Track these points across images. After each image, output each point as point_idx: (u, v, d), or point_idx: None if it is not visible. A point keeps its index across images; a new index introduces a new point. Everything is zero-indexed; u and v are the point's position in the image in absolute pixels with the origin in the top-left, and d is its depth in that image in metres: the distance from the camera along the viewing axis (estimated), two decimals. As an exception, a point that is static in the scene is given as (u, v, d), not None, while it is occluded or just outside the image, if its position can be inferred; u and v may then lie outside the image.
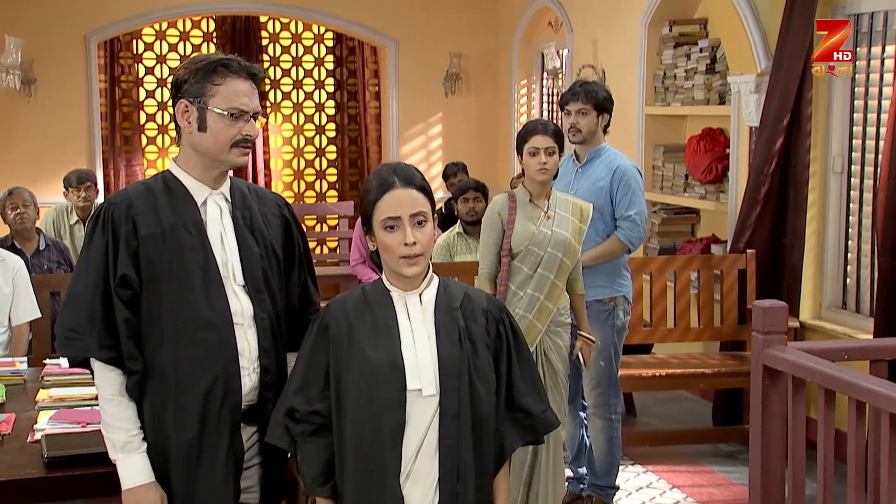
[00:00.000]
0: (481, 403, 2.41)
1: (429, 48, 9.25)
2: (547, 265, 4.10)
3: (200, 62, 2.50)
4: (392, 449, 2.36)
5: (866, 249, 5.25)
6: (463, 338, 2.42)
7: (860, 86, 5.27)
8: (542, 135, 4.09)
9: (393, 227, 2.37)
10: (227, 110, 2.46)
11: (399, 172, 2.42)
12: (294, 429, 2.44)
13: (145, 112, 9.52)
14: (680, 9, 6.73)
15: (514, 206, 4.16)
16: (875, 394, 2.28)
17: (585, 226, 4.19)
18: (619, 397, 4.70)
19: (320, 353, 2.44)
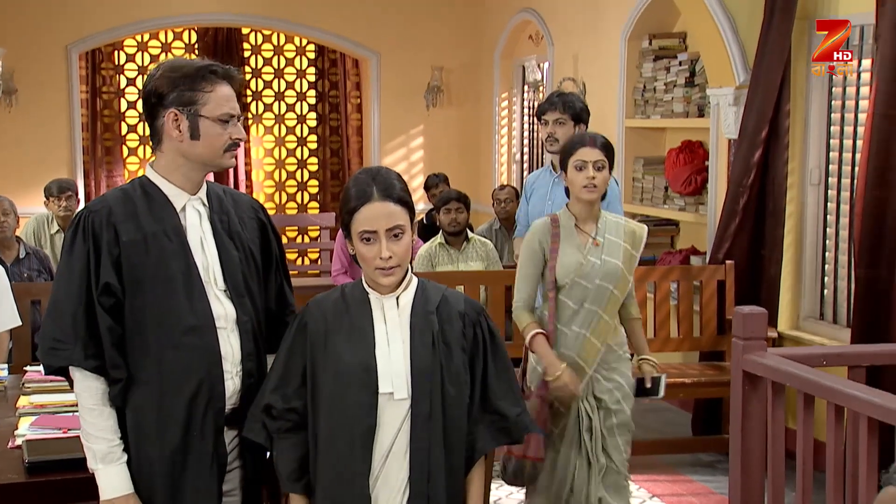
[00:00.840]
0: (453, 407, 2.44)
1: (410, 61, 9.30)
2: (595, 299, 3.60)
3: (182, 70, 2.49)
4: (362, 451, 2.39)
5: (843, 260, 5.31)
6: (437, 341, 2.44)
7: (837, 99, 5.34)
8: (591, 147, 3.65)
9: (370, 240, 2.40)
10: (218, 116, 2.48)
11: (378, 182, 2.42)
12: (270, 425, 2.47)
13: (126, 123, 9.53)
14: (659, 23, 6.80)
15: (558, 231, 3.66)
16: (853, 398, 2.32)
17: (638, 252, 3.68)
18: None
19: (298, 351, 2.47)
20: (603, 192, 3.67)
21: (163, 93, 2.47)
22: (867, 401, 2.26)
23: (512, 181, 8.93)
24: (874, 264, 4.62)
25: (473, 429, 2.49)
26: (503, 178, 9.08)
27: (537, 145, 8.86)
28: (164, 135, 2.49)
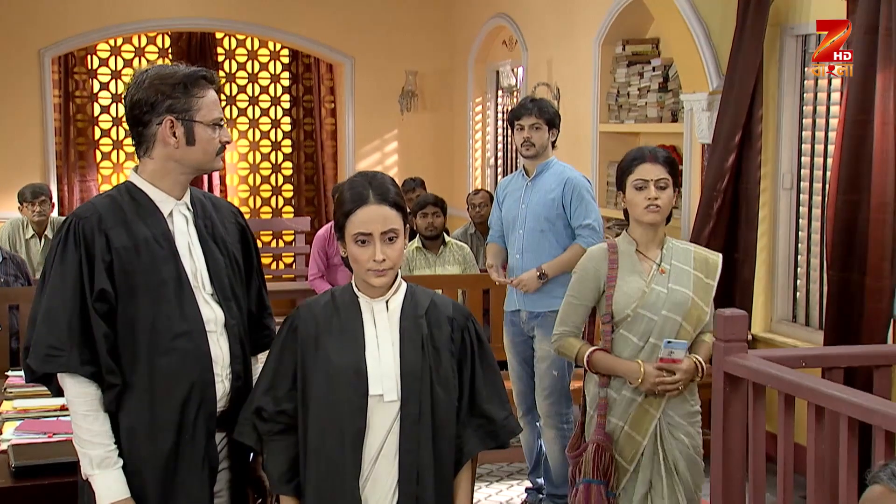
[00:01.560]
0: (441, 409, 2.47)
1: (385, 66, 9.32)
2: (661, 333, 3.24)
3: (173, 77, 2.52)
4: (352, 452, 2.42)
5: (815, 263, 5.39)
6: (426, 345, 2.48)
7: (808, 104, 5.42)
8: (652, 163, 3.27)
9: (364, 242, 2.43)
10: (211, 121, 2.52)
11: (375, 186, 2.46)
12: (261, 427, 2.50)
13: (100, 127, 9.49)
14: (632, 29, 6.87)
15: (616, 258, 3.31)
16: (834, 398, 2.37)
17: (714, 281, 3.32)
18: (570, 408, 4.78)
19: (288, 354, 2.50)
20: (668, 214, 3.32)
21: (155, 101, 2.48)
22: (847, 401, 2.32)
23: (486, 185, 8.97)
24: (846, 267, 4.70)
25: (461, 432, 2.52)
26: (477, 182, 9.12)
27: (511, 150, 8.91)
28: (157, 141, 2.51)
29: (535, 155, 4.73)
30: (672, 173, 3.30)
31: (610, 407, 3.29)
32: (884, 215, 4.48)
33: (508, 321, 4.85)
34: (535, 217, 4.70)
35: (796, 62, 5.46)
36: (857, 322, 4.65)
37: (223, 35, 9.70)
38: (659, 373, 3.18)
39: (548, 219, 4.67)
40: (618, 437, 3.27)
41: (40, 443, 3.01)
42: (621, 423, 3.27)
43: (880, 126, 4.45)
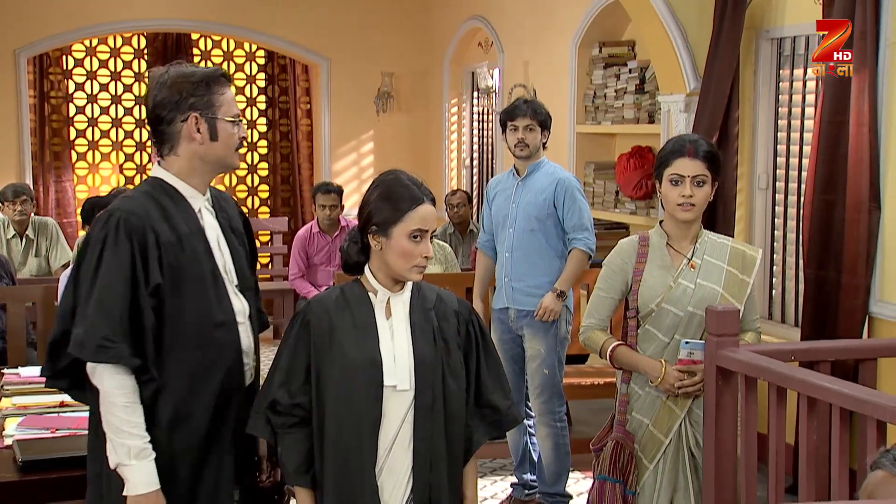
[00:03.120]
0: (453, 399, 2.57)
1: (360, 67, 9.37)
2: (687, 329, 3.18)
3: (195, 76, 2.60)
4: (368, 441, 2.51)
5: (791, 262, 5.51)
6: (437, 337, 2.58)
7: (783, 106, 5.54)
8: (691, 158, 3.16)
9: (417, 238, 2.54)
10: (231, 117, 2.63)
11: (423, 189, 2.59)
12: (275, 421, 2.56)
13: (75, 128, 9.45)
14: (609, 31, 6.97)
15: (646, 252, 3.25)
16: (826, 389, 2.46)
17: (750, 278, 3.23)
18: (563, 405, 4.85)
19: (302, 348, 2.57)
20: (702, 212, 3.22)
21: (178, 99, 2.57)
22: (839, 392, 2.41)
23: (462, 186, 9.04)
24: (822, 265, 4.81)
25: (469, 422, 2.62)
26: (453, 183, 9.19)
27: (487, 151, 8.99)
28: (182, 138, 2.59)
29: (528, 156, 4.80)
30: (713, 168, 3.19)
31: (634, 403, 3.27)
32: (859, 214, 4.59)
33: (496, 319, 4.91)
34: (525, 216, 4.76)
35: (772, 65, 5.58)
36: (833, 319, 4.76)
37: (199, 36, 9.70)
38: (679, 375, 3.13)
39: (538, 218, 4.74)
40: (641, 434, 3.24)
41: (45, 438, 3.05)
42: (646, 420, 3.24)
43: (855, 127, 4.56)
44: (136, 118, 9.61)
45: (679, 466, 3.20)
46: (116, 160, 9.62)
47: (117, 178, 9.60)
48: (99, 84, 9.48)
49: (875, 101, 4.54)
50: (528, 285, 4.76)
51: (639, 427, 3.26)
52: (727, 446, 2.91)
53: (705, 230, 3.31)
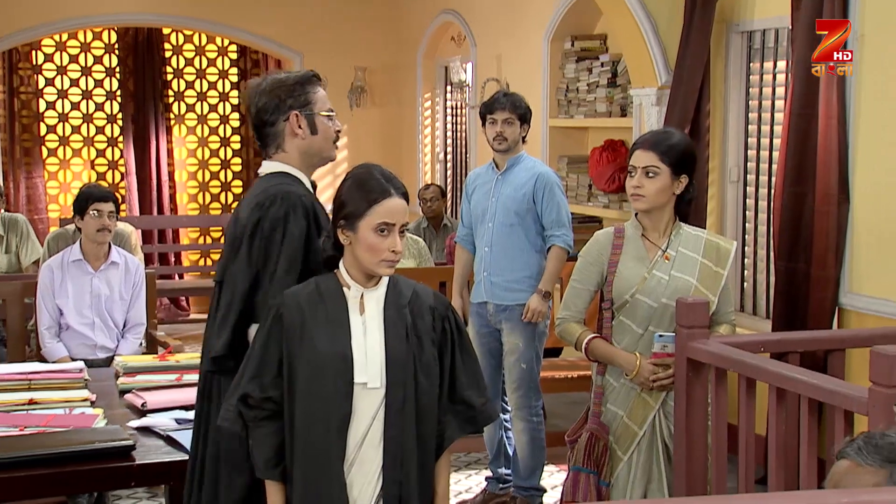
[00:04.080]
0: (424, 396, 2.56)
1: (333, 61, 9.32)
2: (661, 321, 3.19)
3: (291, 79, 2.88)
4: (337, 438, 2.50)
5: (762, 254, 5.54)
6: (410, 334, 2.57)
7: (754, 99, 5.57)
8: (644, 149, 3.21)
9: (385, 231, 2.53)
10: (326, 112, 2.89)
11: (393, 182, 2.58)
12: (247, 414, 2.56)
13: (45, 124, 9.37)
14: (581, 25, 6.98)
15: (621, 243, 3.27)
16: (795, 380, 2.48)
17: (724, 270, 3.24)
18: (539, 400, 4.85)
19: (274, 342, 2.56)
20: (658, 204, 3.20)
21: (278, 102, 2.84)
22: (808, 383, 2.43)
23: (436, 180, 9.03)
24: (792, 258, 4.85)
25: (442, 418, 2.62)
26: (427, 177, 9.19)
27: (461, 145, 8.99)
28: (287, 136, 2.86)
29: (507, 149, 4.79)
30: (670, 161, 3.15)
31: (608, 395, 3.27)
32: (828, 207, 4.63)
33: (475, 313, 4.90)
34: (505, 211, 4.76)
35: (742, 58, 5.61)
36: (803, 311, 4.80)
37: (170, 31, 9.64)
38: (654, 368, 3.15)
39: (518, 213, 4.73)
40: (616, 426, 3.24)
41: (12, 436, 3.02)
42: (621, 411, 3.24)
43: (824, 120, 4.59)
44: (108, 113, 9.55)
45: (653, 458, 3.21)
46: (88, 156, 9.55)
47: (89, 174, 9.53)
48: (69, 79, 9.41)
49: (844, 94, 4.57)
50: (507, 280, 4.76)
51: (613, 419, 3.27)
52: (698, 438, 2.93)
53: (682, 223, 3.31)
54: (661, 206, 3.22)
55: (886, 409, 2.19)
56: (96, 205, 4.76)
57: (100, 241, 4.78)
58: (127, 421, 3.34)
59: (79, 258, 4.78)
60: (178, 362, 3.92)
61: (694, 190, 3.31)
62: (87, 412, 3.34)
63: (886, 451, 1.63)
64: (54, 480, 2.81)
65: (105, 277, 4.82)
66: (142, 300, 4.91)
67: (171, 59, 9.74)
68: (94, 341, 4.77)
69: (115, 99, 9.51)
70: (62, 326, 4.76)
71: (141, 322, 4.90)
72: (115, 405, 3.56)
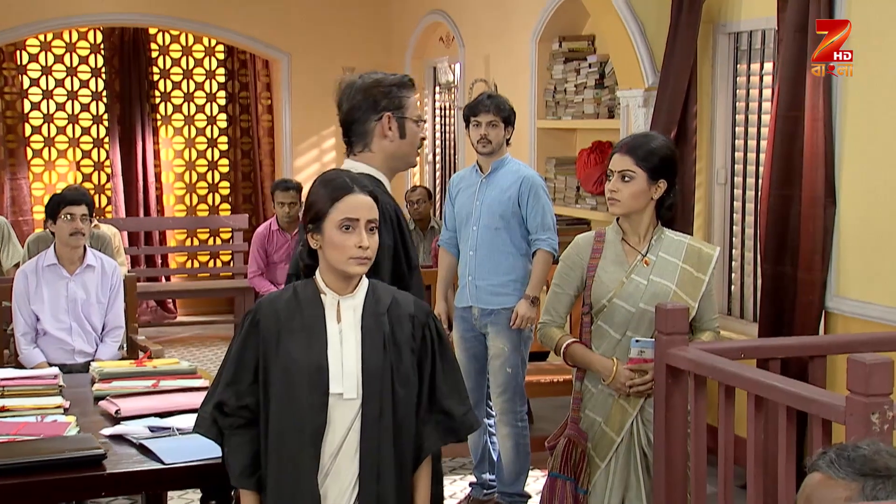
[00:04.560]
0: (402, 407, 2.51)
1: (321, 62, 9.27)
2: (639, 326, 3.15)
3: (387, 81, 2.91)
4: (311, 449, 2.45)
5: (749, 257, 5.50)
6: (388, 343, 2.52)
7: (741, 101, 5.53)
8: (621, 153, 3.18)
9: (349, 228, 2.49)
10: (417, 118, 2.95)
11: (356, 180, 2.56)
12: (222, 422, 2.52)
13: (30, 124, 9.29)
14: (569, 25, 6.93)
15: (601, 247, 3.24)
16: (773, 388, 2.44)
17: (705, 275, 3.20)
18: (524, 405, 4.82)
19: (251, 349, 2.52)
20: (634, 209, 3.17)
21: (373, 102, 2.89)
22: (786, 390, 2.39)
23: (424, 182, 8.98)
24: (779, 261, 4.81)
25: (421, 428, 2.57)
26: (416, 179, 9.13)
27: (449, 146, 8.94)
28: (375, 136, 2.90)
29: (491, 152, 4.76)
30: (647, 166, 3.12)
31: (587, 401, 3.24)
32: (815, 209, 4.59)
33: (459, 317, 4.86)
34: (490, 214, 4.72)
35: (729, 59, 5.57)
36: (789, 314, 4.76)
37: (157, 31, 9.56)
38: (630, 374, 3.11)
39: (503, 216, 4.69)
40: (594, 432, 3.21)
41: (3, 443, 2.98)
42: (599, 418, 3.21)
43: (810, 122, 4.56)
44: (94, 114, 9.47)
45: (631, 465, 3.18)
46: (73, 157, 9.47)
47: (74, 176, 9.46)
48: (55, 80, 9.34)
49: (830, 96, 4.54)
50: (491, 284, 4.72)
51: (591, 425, 3.23)
52: (677, 445, 2.89)
53: (664, 227, 3.27)
54: (638, 210, 3.19)
55: (864, 418, 2.15)
56: (68, 208, 4.69)
57: (73, 244, 4.71)
58: (100, 429, 3.28)
59: (53, 262, 4.72)
60: (156, 368, 3.87)
61: (675, 195, 3.28)
62: (60, 420, 3.29)
63: (859, 464, 1.60)
64: (23, 491, 2.75)
65: (81, 281, 4.75)
66: (119, 303, 4.84)
67: (158, 59, 9.67)
68: (72, 346, 4.71)
69: (101, 100, 9.44)
70: (39, 332, 4.69)
71: (119, 325, 4.84)
72: (90, 412, 3.50)
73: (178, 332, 9.04)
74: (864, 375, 2.15)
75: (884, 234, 4.38)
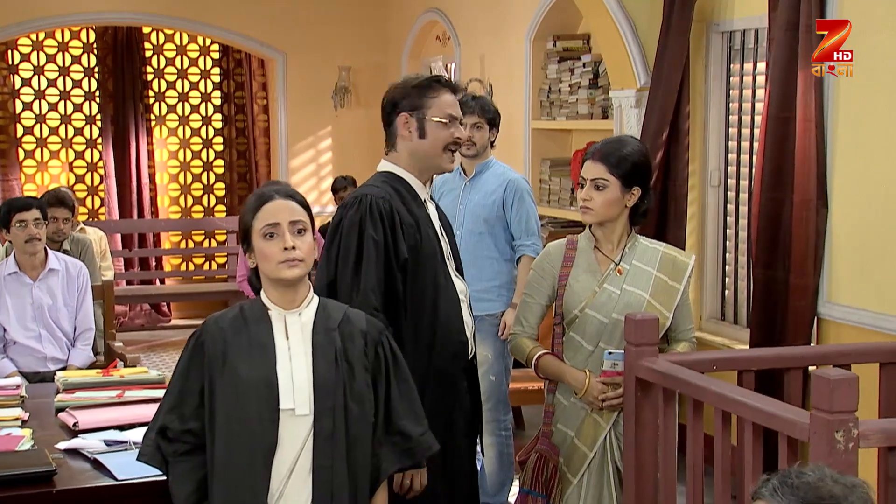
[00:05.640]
0: (356, 424, 2.41)
1: (317, 61, 9.18)
2: (612, 337, 3.04)
3: (413, 81, 2.97)
4: (262, 469, 2.35)
5: (743, 261, 5.37)
6: (339, 358, 2.42)
7: (734, 101, 5.40)
8: (593, 161, 3.07)
9: (272, 235, 2.40)
10: (441, 118, 2.93)
11: (278, 188, 2.49)
12: (166, 448, 2.42)
13: (22, 125, 9.21)
14: (563, 24, 6.81)
15: (573, 255, 3.14)
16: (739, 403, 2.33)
17: (680, 284, 3.08)
18: (508, 413, 4.71)
19: (195, 371, 2.42)
20: (608, 217, 3.07)
21: (396, 101, 2.95)
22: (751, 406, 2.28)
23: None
24: (770, 265, 4.69)
25: (377, 450, 2.47)
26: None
27: (445, 146, 8.82)
28: (398, 136, 2.97)
29: (475, 155, 4.66)
30: (619, 173, 3.02)
31: (559, 414, 3.14)
32: (806, 213, 4.46)
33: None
34: (473, 218, 4.62)
35: (722, 59, 5.44)
36: (781, 320, 4.64)
37: (150, 30, 9.47)
38: (603, 387, 3.00)
39: (487, 220, 4.59)
40: (566, 447, 3.11)
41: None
42: (570, 432, 3.10)
43: (802, 123, 4.43)
44: (87, 114, 9.39)
45: (604, 481, 3.07)
46: (66, 158, 9.39)
47: (67, 176, 9.37)
48: (47, 79, 9.25)
49: (822, 96, 4.41)
50: (475, 290, 4.56)
51: (563, 439, 3.13)
52: (648, 460, 2.78)
53: (638, 235, 3.18)
54: (612, 218, 3.09)
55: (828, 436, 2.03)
56: (18, 215, 4.59)
57: (31, 251, 4.61)
58: (57, 442, 3.18)
59: (14, 270, 4.61)
60: (123, 377, 3.78)
61: (649, 201, 3.19)
62: (14, 433, 3.19)
63: (803, 492, 1.51)
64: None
65: (46, 286, 4.64)
66: (88, 304, 4.73)
67: (152, 58, 9.57)
68: (44, 353, 4.61)
69: (94, 100, 9.35)
70: (8, 342, 4.59)
71: (89, 327, 4.72)
72: (49, 424, 3.40)
73: (173, 335, 8.94)
74: (827, 391, 2.04)
75: (876, 239, 4.25)
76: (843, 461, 2.05)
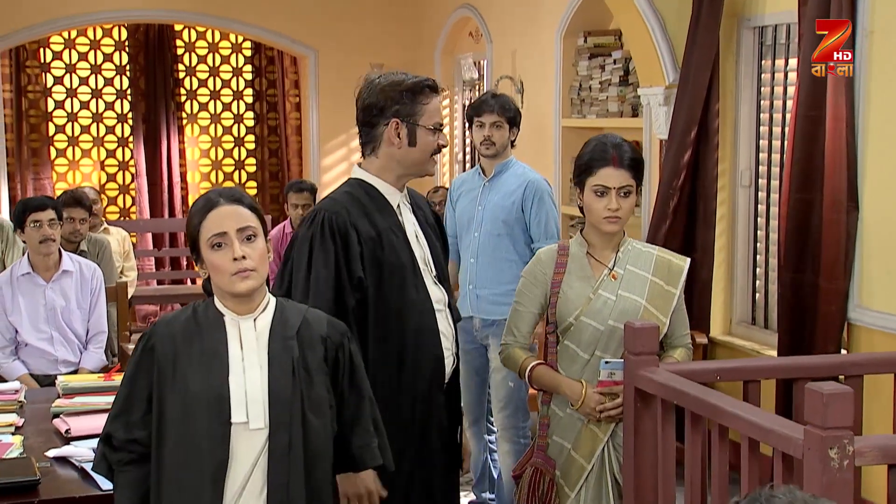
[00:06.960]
0: (315, 438, 2.29)
1: (350, 58, 9.08)
2: (608, 345, 2.94)
3: (403, 85, 2.78)
4: (213, 486, 2.22)
5: (774, 264, 5.19)
6: (297, 368, 2.30)
7: (765, 98, 5.22)
8: (617, 167, 2.91)
9: (220, 245, 2.27)
10: (432, 126, 2.82)
11: (224, 193, 2.33)
12: (111, 457, 2.31)
13: (54, 123, 9.22)
14: (594, 20, 6.66)
15: (565, 262, 3.01)
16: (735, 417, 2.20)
17: (676, 289, 2.96)
18: (527, 421, 4.58)
19: (143, 376, 2.30)
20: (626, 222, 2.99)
21: (384, 105, 2.79)
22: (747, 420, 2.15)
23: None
24: (799, 268, 4.53)
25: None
26: (445, 178, 8.91)
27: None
28: (383, 141, 2.82)
29: (494, 154, 4.54)
30: (637, 177, 2.95)
31: (554, 426, 3.01)
32: (837, 215, 4.30)
33: (460, 328, 4.62)
34: (492, 219, 4.50)
35: (753, 55, 5.27)
36: (811, 325, 4.48)
37: (182, 27, 9.45)
38: (601, 398, 2.88)
39: (506, 222, 4.47)
40: (562, 459, 2.99)
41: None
42: (567, 444, 2.98)
43: (832, 122, 4.26)
44: (118, 113, 9.38)
45: (602, 494, 2.94)
46: (98, 156, 9.39)
47: (98, 175, 9.38)
48: (79, 78, 9.26)
49: (852, 95, 4.24)
50: (493, 293, 4.49)
51: (559, 452, 3.00)
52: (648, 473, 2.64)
53: (630, 238, 3.06)
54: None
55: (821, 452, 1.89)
56: (33, 215, 4.54)
57: (45, 252, 4.55)
58: (47, 449, 3.11)
59: (28, 271, 4.56)
60: (125, 382, 3.69)
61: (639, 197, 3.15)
62: (4, 440, 3.12)
63: None
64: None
65: (59, 288, 4.59)
66: (101, 307, 4.67)
67: (184, 56, 9.55)
68: (55, 356, 4.55)
69: (126, 98, 9.34)
70: (20, 343, 4.54)
71: (101, 330, 4.66)
72: (44, 431, 3.34)
73: (203, 333, 8.92)
74: (820, 406, 1.89)
75: (910, 243, 4.06)
76: (839, 479, 1.91)
